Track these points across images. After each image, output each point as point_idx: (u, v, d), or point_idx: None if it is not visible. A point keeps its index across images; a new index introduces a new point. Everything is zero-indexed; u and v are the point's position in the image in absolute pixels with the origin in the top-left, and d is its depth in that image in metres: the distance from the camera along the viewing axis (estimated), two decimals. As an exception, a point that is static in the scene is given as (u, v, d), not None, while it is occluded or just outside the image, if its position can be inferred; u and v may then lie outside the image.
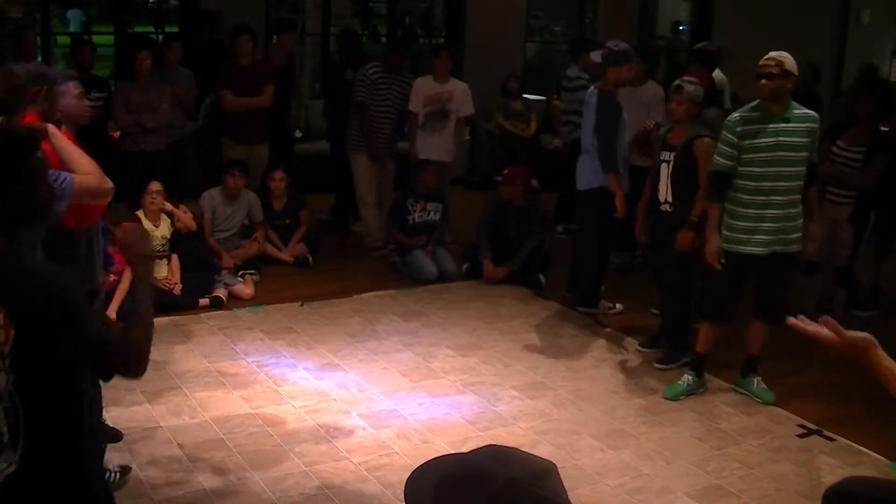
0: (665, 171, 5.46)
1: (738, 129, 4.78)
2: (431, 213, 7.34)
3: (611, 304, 6.50)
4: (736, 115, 4.88)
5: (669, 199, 5.46)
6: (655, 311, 6.03)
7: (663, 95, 6.96)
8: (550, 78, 11.90)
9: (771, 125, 4.75)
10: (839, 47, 12.29)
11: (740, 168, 4.81)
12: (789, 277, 5.19)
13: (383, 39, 10.98)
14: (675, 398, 5.14)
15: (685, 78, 5.55)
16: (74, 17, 14.48)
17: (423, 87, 7.53)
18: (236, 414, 4.76)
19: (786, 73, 4.70)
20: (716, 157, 4.90)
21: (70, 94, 3.96)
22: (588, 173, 6.13)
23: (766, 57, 4.77)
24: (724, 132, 4.86)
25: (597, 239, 6.24)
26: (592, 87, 6.30)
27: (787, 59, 4.74)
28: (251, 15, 8.71)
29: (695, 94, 5.35)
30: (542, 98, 10.88)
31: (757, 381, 5.23)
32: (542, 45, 14.17)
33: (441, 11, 13.95)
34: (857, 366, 2.34)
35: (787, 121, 4.77)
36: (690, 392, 5.18)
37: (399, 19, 13.98)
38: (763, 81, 4.73)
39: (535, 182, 8.69)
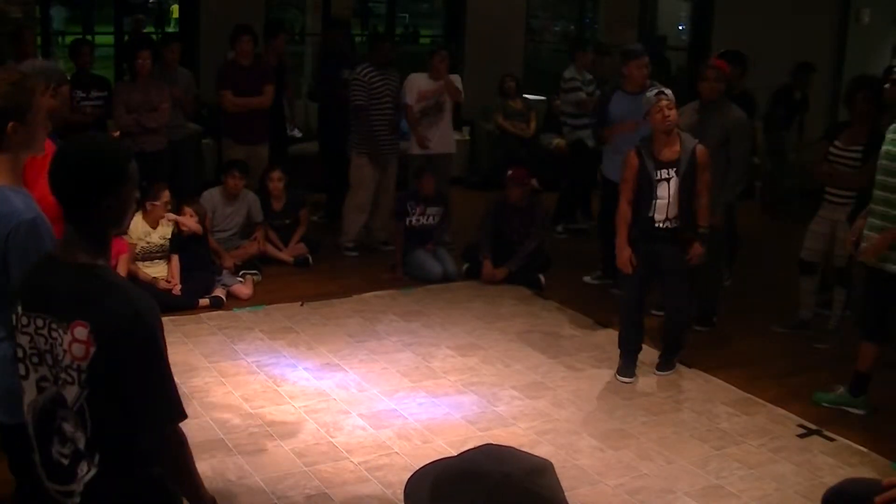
0: (666, 189, 5.20)
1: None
2: (431, 217, 7.34)
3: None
4: None
5: (673, 216, 5.24)
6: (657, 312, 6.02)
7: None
8: (551, 78, 11.90)
9: None
10: (839, 47, 12.29)
11: None
12: None
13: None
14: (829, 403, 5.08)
15: (656, 83, 5.43)
16: (58, 14, 14.38)
17: (419, 83, 7.53)
18: (236, 414, 4.76)
19: None
20: None
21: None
22: None
23: None
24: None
25: None
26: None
27: None
28: (251, 14, 8.71)
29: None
30: (543, 98, 10.88)
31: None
32: (542, 45, 14.18)
33: (441, 11, 13.95)
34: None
35: None
36: (844, 404, 5.09)
37: (399, 19, 13.99)
38: None
39: (534, 182, 8.70)
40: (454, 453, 1.35)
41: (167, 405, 2.13)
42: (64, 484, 2.11)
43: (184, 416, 2.17)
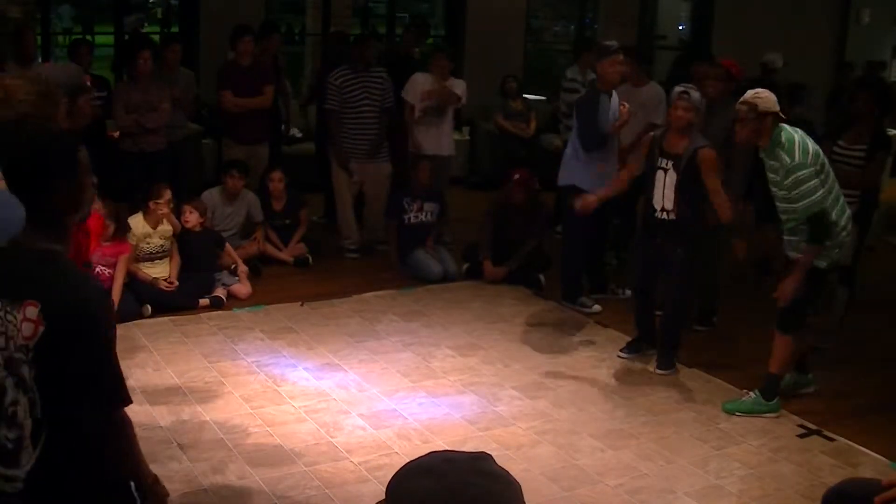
0: (662, 178, 5.36)
1: None
2: (428, 214, 7.33)
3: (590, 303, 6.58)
4: None
5: (669, 208, 5.36)
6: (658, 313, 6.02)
7: (664, 96, 6.94)
8: (551, 78, 11.91)
9: None
10: (839, 47, 12.29)
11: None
12: None
13: (382, 39, 10.99)
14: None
15: (688, 85, 5.48)
16: (65, 13, 14.43)
17: (422, 83, 7.52)
18: (236, 414, 4.76)
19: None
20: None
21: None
22: None
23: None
24: None
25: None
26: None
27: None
28: (251, 15, 8.72)
29: (700, 102, 5.38)
30: (543, 98, 10.87)
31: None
32: (542, 46, 14.16)
33: (441, 11, 13.97)
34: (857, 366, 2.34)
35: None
36: (757, 412, 5.08)
37: (399, 19, 13.95)
38: None
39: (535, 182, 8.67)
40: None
41: (110, 388, 2.20)
42: (8, 468, 2.15)
43: (128, 401, 2.24)
